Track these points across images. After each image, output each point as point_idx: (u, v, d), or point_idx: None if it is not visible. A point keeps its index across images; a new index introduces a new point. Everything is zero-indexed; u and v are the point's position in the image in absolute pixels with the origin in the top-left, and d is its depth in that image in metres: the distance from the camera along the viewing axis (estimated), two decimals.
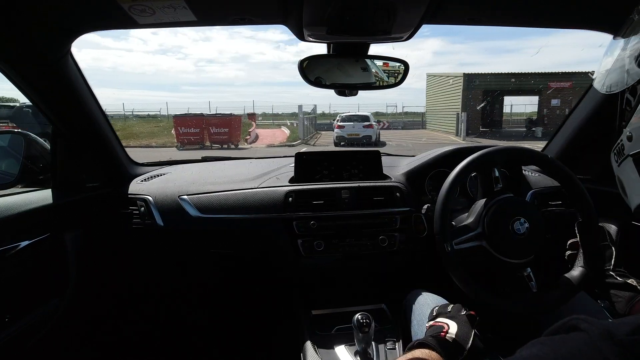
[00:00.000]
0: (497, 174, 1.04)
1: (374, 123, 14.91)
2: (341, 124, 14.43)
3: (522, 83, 18.72)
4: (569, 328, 0.38)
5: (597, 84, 0.82)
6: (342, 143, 13.84)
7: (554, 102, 17.97)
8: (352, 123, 14.36)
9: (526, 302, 0.93)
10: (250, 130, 17.10)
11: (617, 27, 0.96)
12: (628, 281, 0.84)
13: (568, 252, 1.00)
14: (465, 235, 0.98)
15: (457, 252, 0.95)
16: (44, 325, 1.11)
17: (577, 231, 0.99)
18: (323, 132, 21.16)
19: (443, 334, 0.76)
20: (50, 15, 0.88)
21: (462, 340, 0.76)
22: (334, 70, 1.10)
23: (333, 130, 17.07)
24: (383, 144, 14.32)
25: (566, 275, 0.96)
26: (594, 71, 0.90)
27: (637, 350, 0.32)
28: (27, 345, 1.08)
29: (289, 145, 14.60)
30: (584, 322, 0.37)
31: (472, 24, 1.04)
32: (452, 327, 0.78)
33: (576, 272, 0.95)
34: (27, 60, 0.98)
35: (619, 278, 0.85)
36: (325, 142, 16.53)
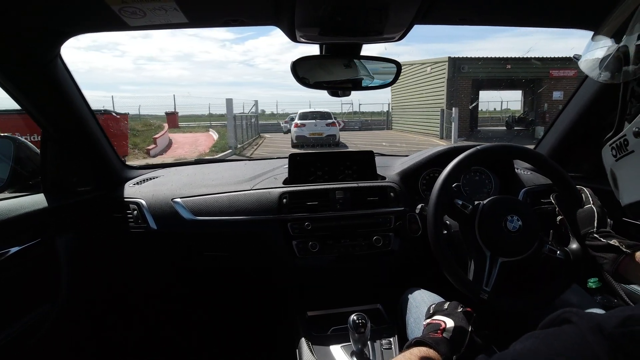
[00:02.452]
0: (460, 202, 1.01)
1: (335, 121, 13.40)
2: (301, 121, 12.75)
3: (518, 71, 15.02)
4: (561, 321, 0.39)
5: (586, 68, 0.80)
6: (302, 144, 12.04)
7: (557, 94, 14.55)
8: (313, 121, 12.65)
9: (528, 297, 0.94)
10: (157, 136, 12.03)
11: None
12: (610, 242, 0.85)
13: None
14: (485, 272, 0.96)
15: (494, 290, 0.94)
16: (36, 331, 1.10)
17: (554, 201, 1.00)
18: (267, 135, 17.26)
19: (440, 331, 0.76)
20: (40, 18, 0.87)
21: (459, 337, 0.76)
22: (325, 71, 1.10)
23: (285, 132, 15.10)
24: (344, 147, 12.32)
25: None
26: (579, 55, 0.88)
27: (624, 343, 0.33)
28: (20, 352, 1.07)
29: (209, 159, 9.01)
30: (575, 315, 0.37)
31: (463, 24, 1.05)
32: (449, 324, 0.78)
33: (573, 245, 0.96)
34: (16, 63, 0.97)
35: (602, 239, 0.87)
36: (269, 152, 12.24)
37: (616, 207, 1.06)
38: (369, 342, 1.09)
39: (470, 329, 0.78)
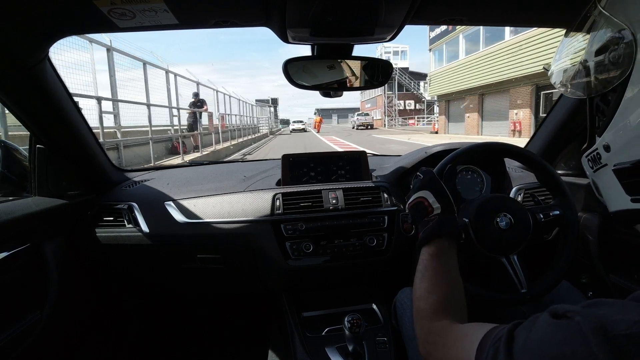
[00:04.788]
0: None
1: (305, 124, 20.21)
2: (294, 124, 16.63)
3: None
4: (563, 315, 0.39)
5: (558, 85, 0.82)
6: (293, 131, 15.16)
7: None
8: (298, 124, 17.78)
9: (516, 291, 0.92)
10: None
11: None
12: None
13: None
14: (512, 275, 0.92)
15: (530, 285, 0.91)
16: (23, 340, 1.08)
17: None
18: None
19: (429, 212, 0.73)
20: (27, 20, 0.85)
21: (448, 206, 0.73)
22: (317, 72, 1.10)
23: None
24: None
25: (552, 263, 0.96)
26: (548, 64, 0.89)
27: (626, 346, 0.32)
28: None
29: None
30: (578, 314, 0.37)
31: (454, 24, 1.06)
32: (430, 198, 0.73)
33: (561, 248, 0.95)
34: (2, 66, 0.95)
35: None
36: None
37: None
38: (363, 342, 1.09)
39: (443, 185, 0.75)
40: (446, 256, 0.66)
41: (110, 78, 6.19)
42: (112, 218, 1.33)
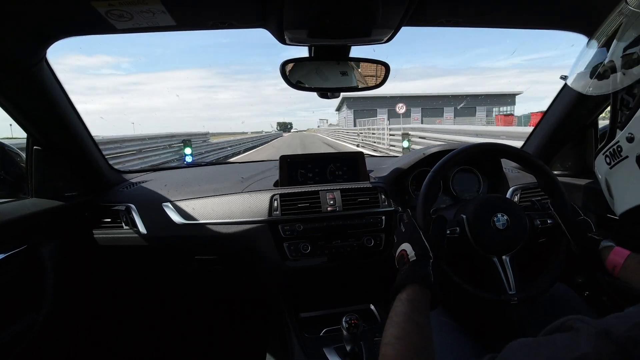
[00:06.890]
0: (448, 231, 0.97)
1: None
2: (293, 130, 17.14)
3: None
4: (566, 328, 0.38)
5: (576, 85, 0.81)
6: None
7: None
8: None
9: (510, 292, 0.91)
10: None
11: (591, 29, 0.98)
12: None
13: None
14: (501, 276, 0.91)
15: (519, 288, 0.90)
16: (20, 341, 1.07)
17: (552, 208, 0.97)
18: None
19: (407, 261, 0.75)
20: (24, 21, 0.85)
21: (423, 252, 0.75)
22: (314, 73, 1.10)
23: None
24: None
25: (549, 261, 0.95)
26: (566, 75, 0.91)
27: (630, 348, 0.32)
28: None
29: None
30: (579, 321, 0.36)
31: (451, 26, 1.06)
32: (409, 249, 0.77)
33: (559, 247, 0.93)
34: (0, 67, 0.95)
35: (596, 237, 0.84)
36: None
37: (601, 203, 1.08)
38: (361, 343, 1.10)
39: (422, 235, 0.78)
40: (417, 303, 0.65)
41: None
42: (109, 219, 1.33)
